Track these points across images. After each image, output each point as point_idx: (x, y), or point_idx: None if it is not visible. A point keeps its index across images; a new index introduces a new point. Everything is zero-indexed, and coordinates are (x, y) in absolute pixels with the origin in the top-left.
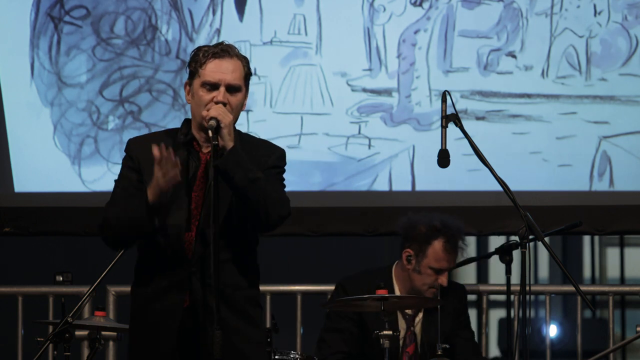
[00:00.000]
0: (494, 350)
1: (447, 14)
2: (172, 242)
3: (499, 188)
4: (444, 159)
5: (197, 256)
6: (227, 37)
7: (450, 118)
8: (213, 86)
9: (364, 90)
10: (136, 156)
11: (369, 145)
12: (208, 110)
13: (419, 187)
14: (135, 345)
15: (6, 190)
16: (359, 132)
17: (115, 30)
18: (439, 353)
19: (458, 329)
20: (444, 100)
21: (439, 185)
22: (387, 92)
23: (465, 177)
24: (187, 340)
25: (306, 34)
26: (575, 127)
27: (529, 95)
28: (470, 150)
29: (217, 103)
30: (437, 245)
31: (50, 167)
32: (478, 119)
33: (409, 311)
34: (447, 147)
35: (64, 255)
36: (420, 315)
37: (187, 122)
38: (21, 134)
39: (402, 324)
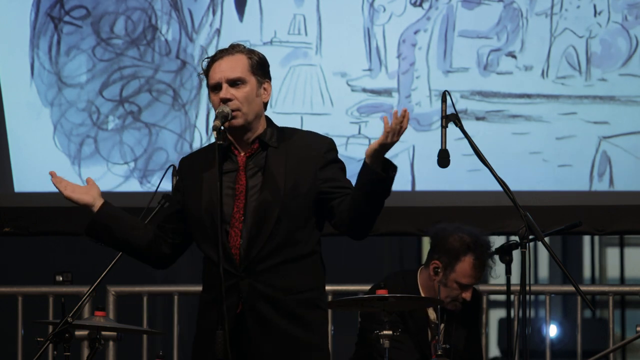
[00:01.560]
0: (494, 350)
1: (447, 14)
2: (217, 248)
3: (499, 188)
4: (444, 159)
5: (244, 261)
6: (227, 37)
7: (450, 118)
8: (217, 87)
9: (364, 90)
10: (181, 175)
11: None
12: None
13: (419, 187)
14: (194, 350)
15: (6, 190)
16: (359, 132)
17: (115, 30)
18: (439, 353)
19: (472, 327)
20: (443, 100)
21: (439, 185)
22: (387, 92)
23: (465, 177)
24: (240, 346)
25: (306, 34)
26: (575, 127)
27: (529, 96)
28: (470, 150)
29: (223, 102)
30: (467, 261)
31: (50, 167)
32: (478, 119)
33: (434, 319)
34: (447, 147)
35: (64, 255)
36: (443, 325)
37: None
38: (21, 134)
39: (429, 334)
